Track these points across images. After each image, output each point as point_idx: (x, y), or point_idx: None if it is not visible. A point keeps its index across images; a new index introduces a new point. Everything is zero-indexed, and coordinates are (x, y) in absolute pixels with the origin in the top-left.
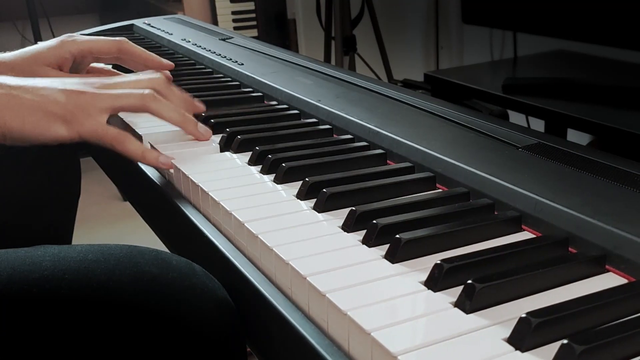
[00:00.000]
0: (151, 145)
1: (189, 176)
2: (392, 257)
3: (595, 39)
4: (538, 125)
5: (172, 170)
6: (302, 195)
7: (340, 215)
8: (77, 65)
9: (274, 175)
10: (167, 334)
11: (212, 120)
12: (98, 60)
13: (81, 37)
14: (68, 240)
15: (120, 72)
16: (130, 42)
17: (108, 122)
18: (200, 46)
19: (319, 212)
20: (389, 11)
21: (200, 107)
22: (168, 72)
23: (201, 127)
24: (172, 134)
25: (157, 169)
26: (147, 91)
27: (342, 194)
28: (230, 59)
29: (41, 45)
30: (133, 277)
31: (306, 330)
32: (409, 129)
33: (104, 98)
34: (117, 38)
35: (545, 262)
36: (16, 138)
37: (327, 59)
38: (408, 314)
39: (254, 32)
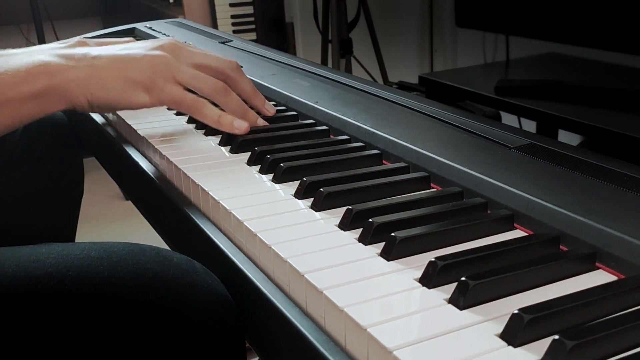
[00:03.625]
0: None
1: (190, 176)
2: (388, 254)
3: (586, 42)
4: (530, 126)
5: (174, 170)
6: (299, 194)
7: (337, 214)
8: None
9: (273, 175)
10: (167, 329)
11: None
12: None
13: (92, 41)
14: (71, 238)
15: None
16: None
17: None
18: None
19: (316, 211)
20: (385, 15)
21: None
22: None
23: (261, 121)
24: (171, 133)
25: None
26: (221, 83)
27: (339, 193)
28: None
29: (52, 45)
30: (135, 273)
31: (304, 326)
32: (404, 129)
33: (183, 72)
34: (126, 39)
35: (537, 259)
36: (102, 106)
37: (324, 62)
38: (403, 310)
39: (253, 36)
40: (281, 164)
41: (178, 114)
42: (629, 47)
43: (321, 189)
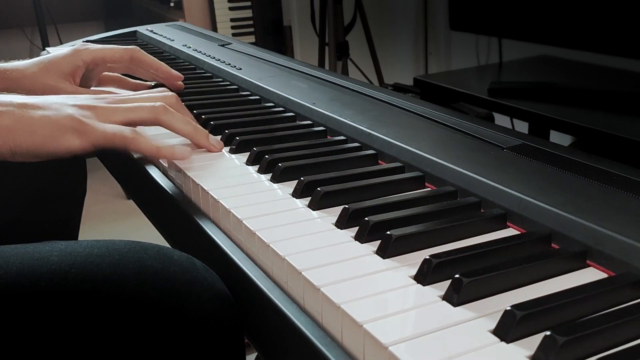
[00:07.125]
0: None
1: (190, 176)
2: (383, 252)
3: (577, 45)
4: (522, 127)
5: (174, 169)
6: (297, 193)
7: (334, 212)
8: (88, 73)
9: (271, 174)
10: (168, 325)
11: (212, 123)
12: (110, 69)
13: (94, 46)
14: (75, 236)
15: (132, 80)
16: (142, 50)
17: None
18: (200, 52)
19: (313, 209)
20: (380, 18)
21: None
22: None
23: (212, 138)
24: (172, 133)
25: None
26: (158, 104)
27: (336, 193)
28: (229, 64)
29: (55, 54)
30: (136, 271)
31: (301, 322)
32: (399, 130)
33: (117, 111)
34: (129, 47)
35: (529, 257)
36: (27, 154)
37: (321, 64)
38: (398, 306)
39: (252, 38)
40: (279, 164)
41: None
42: (619, 49)
43: (318, 189)
